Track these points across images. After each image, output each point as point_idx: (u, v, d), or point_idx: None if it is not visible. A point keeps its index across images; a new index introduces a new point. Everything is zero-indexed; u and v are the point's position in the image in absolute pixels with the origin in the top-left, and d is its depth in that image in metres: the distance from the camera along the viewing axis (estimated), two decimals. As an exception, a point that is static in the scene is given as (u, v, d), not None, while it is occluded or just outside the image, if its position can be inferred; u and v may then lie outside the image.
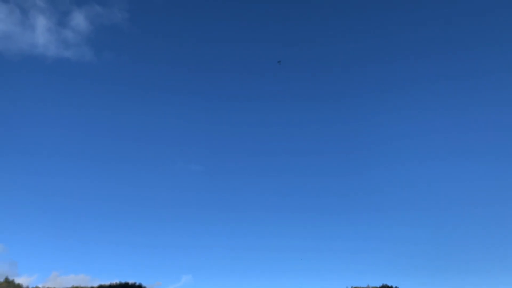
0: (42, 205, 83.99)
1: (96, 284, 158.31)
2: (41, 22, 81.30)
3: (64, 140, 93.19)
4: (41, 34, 80.00)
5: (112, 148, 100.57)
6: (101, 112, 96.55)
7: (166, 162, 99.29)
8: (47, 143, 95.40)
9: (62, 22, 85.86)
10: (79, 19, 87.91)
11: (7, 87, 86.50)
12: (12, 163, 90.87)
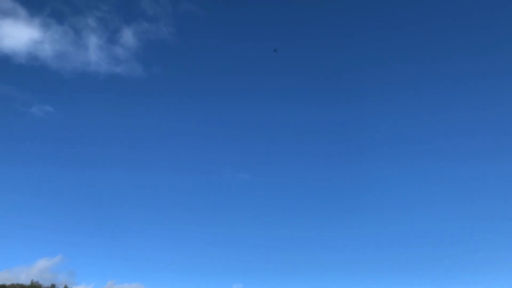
0: (99, 213, 75.05)
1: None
2: (93, 41, 74.85)
3: (117, 150, 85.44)
4: (93, 52, 73.50)
5: (160, 157, 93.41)
6: (151, 123, 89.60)
7: (213, 171, 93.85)
8: (102, 152, 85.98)
9: (112, 40, 79.87)
10: (128, 36, 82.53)
11: (65, 103, 76.82)
12: (68, 174, 79.60)
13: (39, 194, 70.00)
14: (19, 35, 75.53)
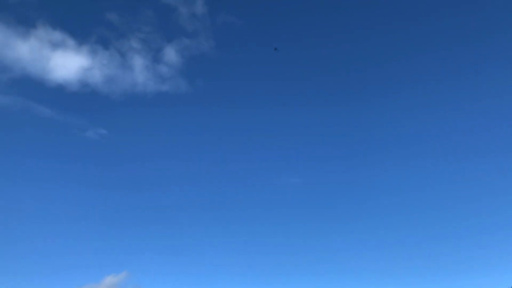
0: (162, 228, 77.51)
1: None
2: (138, 62, 77.56)
3: (170, 164, 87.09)
4: (139, 73, 76.24)
5: (211, 169, 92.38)
6: (199, 134, 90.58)
7: (265, 177, 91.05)
8: (158, 168, 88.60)
9: (156, 59, 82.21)
10: (170, 54, 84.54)
11: (118, 124, 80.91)
12: (127, 192, 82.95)
13: (102, 213, 72.42)
14: (69, 64, 78.17)
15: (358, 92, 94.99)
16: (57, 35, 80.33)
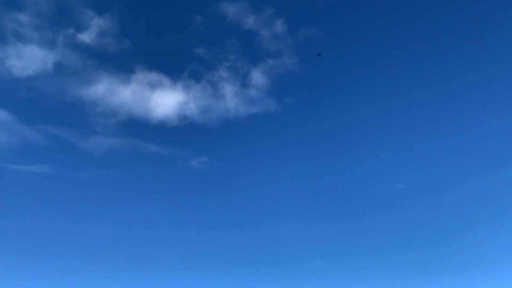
0: (268, 244, 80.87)
1: None
2: (228, 89, 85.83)
3: (273, 184, 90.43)
4: (230, 99, 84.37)
5: (312, 182, 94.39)
6: (294, 149, 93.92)
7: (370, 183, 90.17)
8: (263, 190, 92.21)
9: (244, 84, 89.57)
10: (257, 77, 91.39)
11: (217, 150, 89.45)
12: (235, 218, 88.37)
13: (208, 241, 75.75)
14: (167, 101, 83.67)
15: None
16: (154, 77, 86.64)
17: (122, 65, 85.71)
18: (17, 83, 77.68)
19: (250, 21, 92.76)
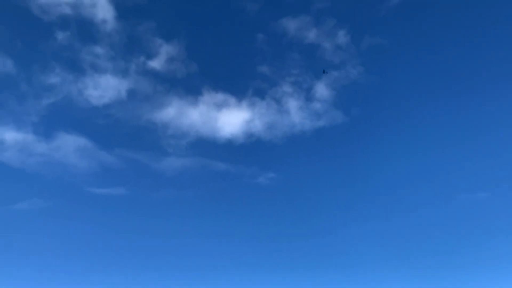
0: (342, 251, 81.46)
1: None
2: (293, 104, 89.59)
3: (340, 194, 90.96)
4: (295, 114, 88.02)
5: (384, 192, 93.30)
6: (361, 160, 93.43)
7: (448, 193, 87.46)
8: (331, 202, 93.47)
9: (309, 98, 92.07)
10: (321, 90, 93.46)
11: (284, 166, 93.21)
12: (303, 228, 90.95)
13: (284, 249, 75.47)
14: (234, 120, 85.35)
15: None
16: (220, 97, 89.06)
17: (190, 88, 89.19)
18: (95, 111, 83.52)
19: (311, 35, 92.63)
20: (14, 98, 79.37)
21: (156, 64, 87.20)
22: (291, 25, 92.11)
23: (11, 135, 76.56)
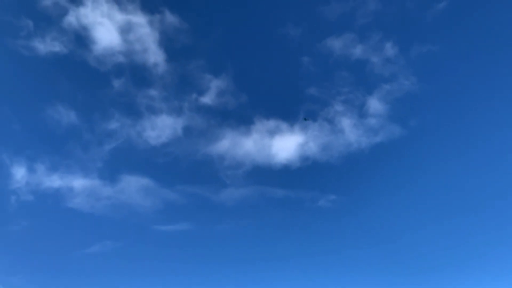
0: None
1: None
2: (346, 123, 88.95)
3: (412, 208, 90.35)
4: (350, 132, 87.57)
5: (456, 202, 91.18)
6: (425, 174, 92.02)
7: None
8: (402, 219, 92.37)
9: (362, 114, 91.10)
10: (374, 104, 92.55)
11: (344, 188, 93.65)
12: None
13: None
14: (287, 145, 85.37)
15: None
16: (272, 124, 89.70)
17: (241, 118, 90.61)
18: (154, 151, 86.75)
19: (358, 51, 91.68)
20: (79, 146, 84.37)
21: (207, 99, 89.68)
22: (336, 44, 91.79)
23: (79, 182, 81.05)
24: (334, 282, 75.38)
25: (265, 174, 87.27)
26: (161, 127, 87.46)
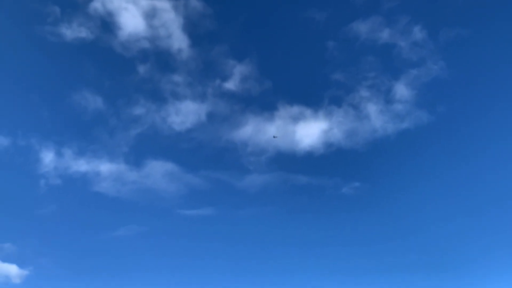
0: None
1: None
2: (372, 109, 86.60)
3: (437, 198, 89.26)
4: (376, 119, 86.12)
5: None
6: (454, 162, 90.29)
7: None
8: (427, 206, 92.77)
9: (388, 100, 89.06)
10: (401, 90, 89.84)
11: (368, 175, 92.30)
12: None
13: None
14: (312, 131, 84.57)
15: None
16: (296, 110, 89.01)
17: (265, 104, 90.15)
18: (179, 137, 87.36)
19: (385, 35, 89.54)
20: (105, 132, 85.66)
21: (231, 85, 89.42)
22: (362, 28, 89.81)
23: (105, 167, 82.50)
24: (355, 272, 75.13)
25: (288, 160, 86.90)
26: (185, 113, 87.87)
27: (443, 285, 70.77)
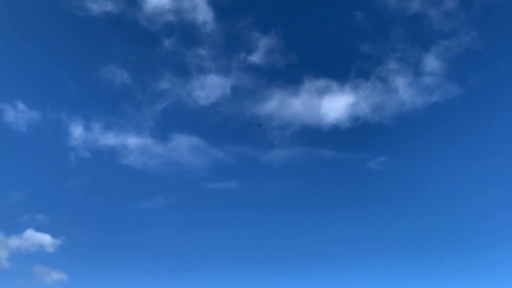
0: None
1: None
2: (400, 82, 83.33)
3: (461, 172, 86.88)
4: (404, 92, 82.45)
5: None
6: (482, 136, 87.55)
7: None
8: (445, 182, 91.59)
9: (418, 73, 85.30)
10: (431, 62, 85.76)
11: (394, 148, 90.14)
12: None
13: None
14: (337, 105, 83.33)
15: None
16: (322, 83, 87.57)
17: (290, 77, 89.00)
18: (204, 111, 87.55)
19: (415, 5, 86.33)
20: (132, 106, 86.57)
21: (256, 58, 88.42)
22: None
23: (132, 140, 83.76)
24: (383, 247, 74.81)
25: (314, 134, 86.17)
26: (210, 87, 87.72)
27: (472, 261, 69.89)
